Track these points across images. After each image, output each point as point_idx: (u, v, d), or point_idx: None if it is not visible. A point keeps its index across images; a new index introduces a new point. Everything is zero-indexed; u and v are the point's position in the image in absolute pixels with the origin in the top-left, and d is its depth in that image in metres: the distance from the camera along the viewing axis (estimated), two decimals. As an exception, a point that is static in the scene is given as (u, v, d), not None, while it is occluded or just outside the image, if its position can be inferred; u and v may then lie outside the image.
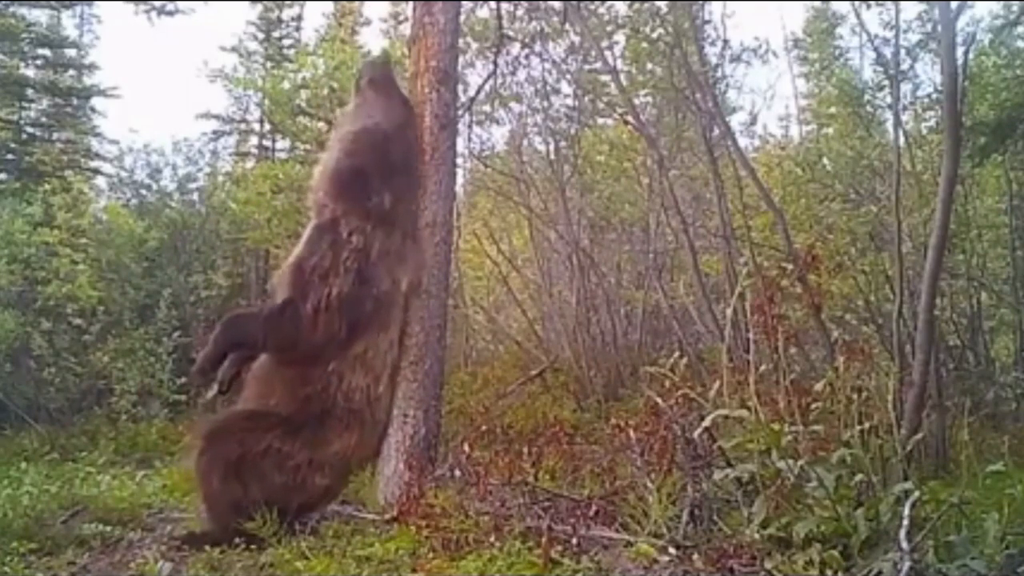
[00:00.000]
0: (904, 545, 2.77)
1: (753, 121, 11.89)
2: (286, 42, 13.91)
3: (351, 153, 4.39)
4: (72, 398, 8.63)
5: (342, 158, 4.41)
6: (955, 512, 3.10)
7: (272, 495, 3.98)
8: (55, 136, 13.76)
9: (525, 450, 4.04)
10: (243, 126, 13.97)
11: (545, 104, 10.41)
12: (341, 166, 4.38)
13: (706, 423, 3.54)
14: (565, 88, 10.82)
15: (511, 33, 9.11)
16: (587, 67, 10.78)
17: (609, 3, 9.76)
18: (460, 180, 11.03)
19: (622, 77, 9.75)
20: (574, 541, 3.37)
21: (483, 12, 9.46)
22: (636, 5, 9.35)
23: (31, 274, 8.98)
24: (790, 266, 5.42)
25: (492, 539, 3.44)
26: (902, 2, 7.92)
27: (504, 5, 8.40)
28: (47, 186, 10.23)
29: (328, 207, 4.33)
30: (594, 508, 3.62)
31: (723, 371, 3.61)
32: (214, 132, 13.63)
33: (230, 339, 4.30)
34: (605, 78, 10.68)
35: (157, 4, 9.24)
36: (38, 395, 8.45)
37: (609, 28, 9.93)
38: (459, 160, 8.08)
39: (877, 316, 8.03)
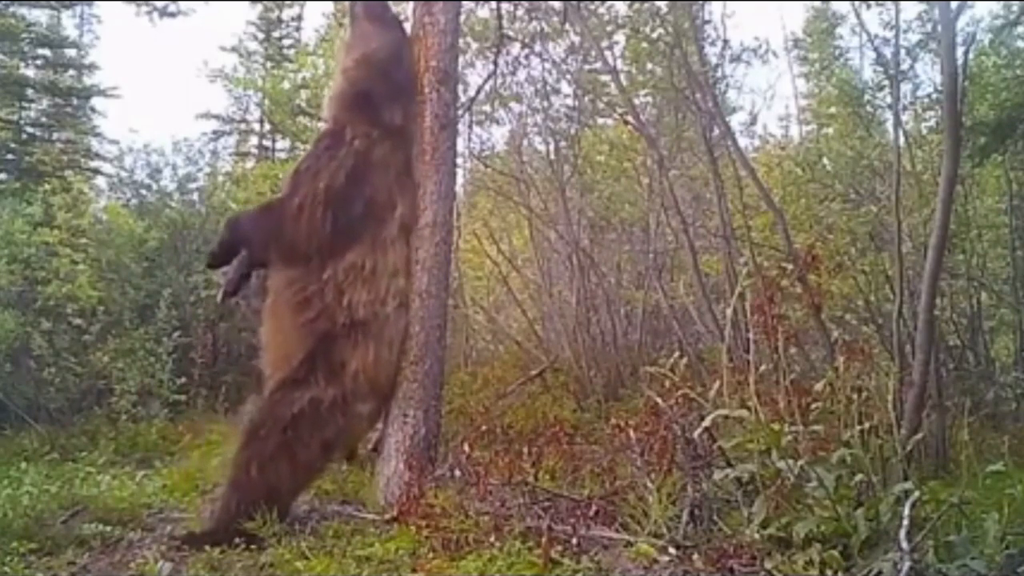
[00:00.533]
0: (904, 545, 2.77)
1: (753, 121, 11.92)
2: (286, 42, 13.94)
3: (354, 80, 4.53)
4: (72, 398, 8.61)
5: (346, 85, 4.56)
6: (955, 512, 3.10)
7: (321, 454, 4.12)
8: (55, 136, 13.76)
9: (525, 450, 4.04)
10: (243, 126, 13.99)
11: (545, 104, 10.41)
12: (346, 91, 4.53)
13: (706, 423, 3.54)
14: (565, 88, 10.84)
15: (511, 33, 9.11)
16: (587, 67, 10.78)
17: (609, 3, 9.77)
18: (460, 180, 11.06)
19: (622, 77, 9.75)
20: (574, 541, 3.37)
21: (483, 12, 9.46)
22: (636, 5, 9.35)
23: (31, 274, 8.97)
24: (790, 266, 5.43)
25: (492, 539, 3.44)
26: (902, 2, 7.94)
27: (504, 5, 8.40)
28: (47, 186, 10.21)
29: (333, 122, 4.51)
30: (594, 508, 3.63)
31: (723, 371, 3.61)
32: (214, 132, 13.66)
33: (231, 235, 4.50)
34: (605, 78, 10.68)
35: (159, 5, 9.24)
36: (38, 395, 8.43)
37: (609, 28, 9.92)
38: (459, 160, 8.09)
39: (877, 316, 8.02)
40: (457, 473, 4.13)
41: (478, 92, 9.05)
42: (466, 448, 4.19)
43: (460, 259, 10.30)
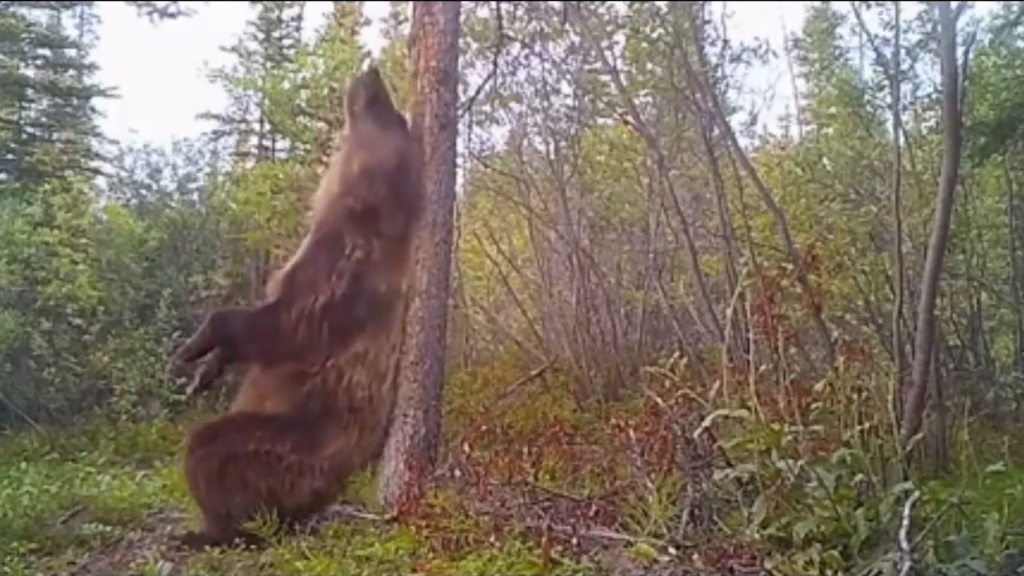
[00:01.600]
0: (904, 545, 2.77)
1: (753, 121, 11.92)
2: (286, 42, 13.92)
3: (360, 196, 4.32)
4: (72, 398, 8.62)
5: (350, 199, 4.34)
6: (955, 512, 3.10)
7: (258, 500, 3.93)
8: (55, 136, 13.76)
9: (525, 450, 4.03)
10: (243, 126, 13.96)
11: (545, 104, 10.42)
12: (351, 206, 4.32)
13: (706, 423, 3.53)
14: (565, 88, 10.84)
15: (511, 33, 9.11)
16: (587, 67, 10.79)
17: (609, 3, 9.78)
18: (460, 180, 11.05)
19: (622, 77, 9.75)
20: (574, 541, 3.37)
21: (483, 12, 9.47)
22: (636, 5, 9.36)
23: (31, 274, 8.98)
24: (790, 266, 5.42)
25: (492, 539, 3.43)
26: (902, 2, 7.93)
27: (504, 5, 8.40)
28: (47, 186, 10.22)
29: (327, 223, 4.36)
30: (594, 508, 3.62)
31: (723, 371, 3.60)
32: (214, 132, 13.64)
33: (215, 333, 4.30)
34: (605, 78, 10.68)
35: (159, 5, 9.24)
36: (38, 395, 8.45)
37: (609, 28, 9.93)
38: (459, 160, 8.08)
39: (877, 316, 8.03)
40: (457, 473, 4.12)
41: (478, 92, 9.05)
42: (466, 448, 4.17)
43: (460, 259, 10.29)
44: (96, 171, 13.75)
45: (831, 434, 3.47)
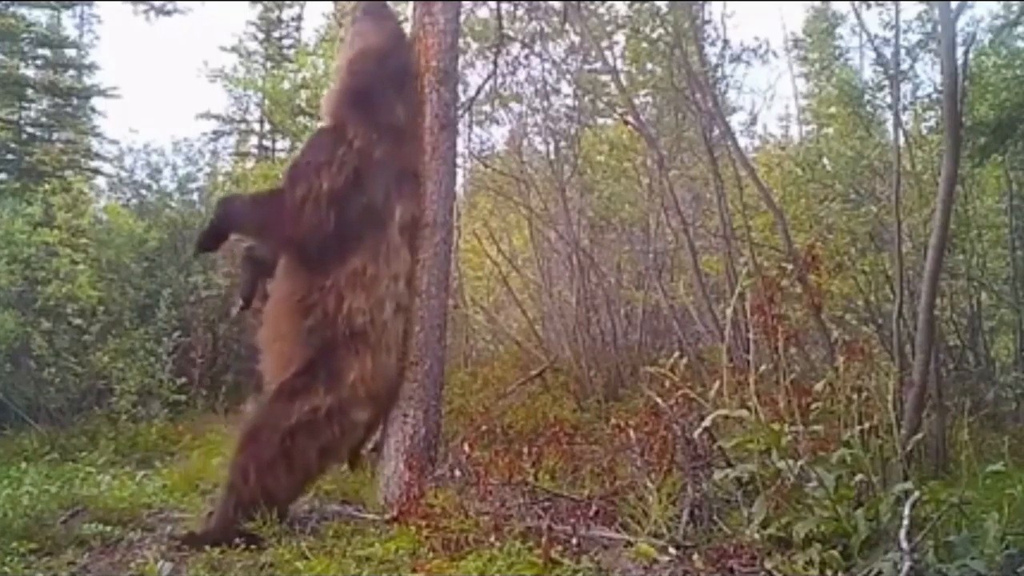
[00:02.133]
0: (904, 545, 2.77)
1: (753, 121, 11.94)
2: (286, 42, 13.94)
3: (353, 74, 4.48)
4: (72, 398, 8.61)
5: (346, 80, 4.51)
6: (955, 512, 3.10)
7: (318, 461, 4.12)
8: (55, 136, 13.76)
9: (525, 450, 4.03)
10: (243, 126, 14.00)
11: (545, 104, 10.42)
12: (346, 87, 4.47)
13: (706, 423, 3.54)
14: (565, 88, 10.86)
15: (511, 33, 9.11)
16: (587, 67, 10.79)
17: (609, 3, 9.78)
18: (460, 180, 11.06)
19: (622, 77, 9.75)
20: (574, 541, 3.37)
21: (483, 12, 9.47)
22: (636, 5, 9.36)
23: (31, 274, 8.96)
24: (790, 266, 5.43)
25: (492, 539, 3.43)
26: (902, 2, 7.93)
27: (504, 5, 8.41)
28: (47, 186, 10.22)
29: (332, 118, 4.44)
30: (594, 508, 3.62)
31: (723, 371, 3.60)
32: (214, 132, 13.68)
33: (225, 217, 4.37)
34: (605, 78, 10.70)
35: (156, 4, 9.26)
36: (38, 395, 8.43)
37: (609, 28, 9.94)
38: (459, 160, 8.09)
39: (877, 316, 8.03)
40: (457, 473, 4.12)
41: (478, 92, 9.06)
42: (466, 448, 4.17)
43: (460, 259, 10.30)
44: (96, 171, 13.77)
45: (831, 434, 3.47)
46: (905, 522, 2.87)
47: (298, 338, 4.20)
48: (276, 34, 13.91)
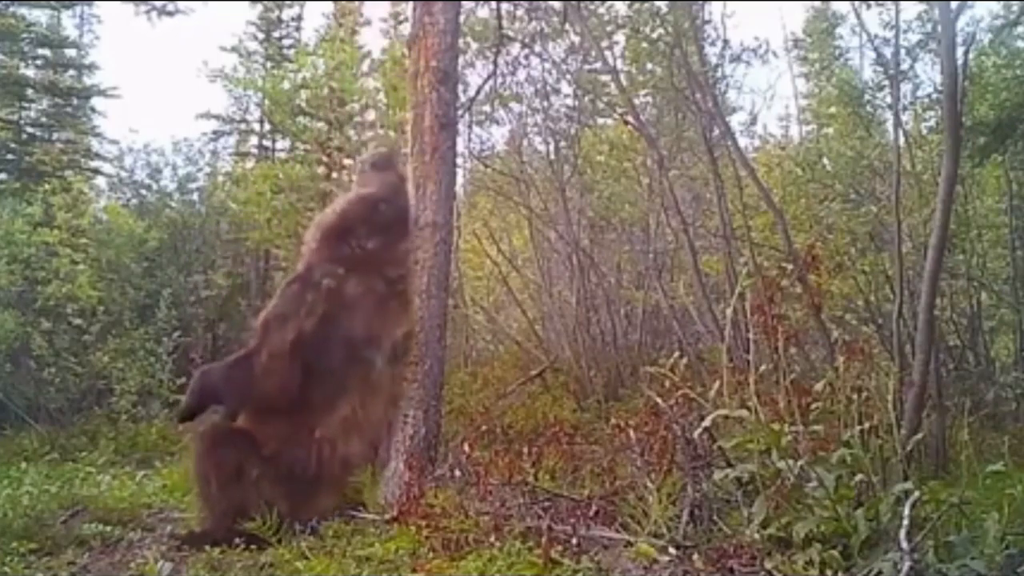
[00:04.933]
0: (904, 545, 2.77)
1: (753, 121, 11.88)
2: (286, 42, 13.92)
3: (341, 211, 4.43)
4: (72, 398, 8.62)
5: (331, 214, 4.47)
6: (955, 512, 3.10)
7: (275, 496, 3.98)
8: (55, 136, 13.76)
9: (525, 450, 4.03)
10: (243, 126, 13.98)
11: (545, 104, 10.42)
12: (328, 220, 4.42)
13: (706, 423, 3.53)
14: (565, 88, 10.84)
15: (511, 33, 9.11)
16: (587, 67, 10.78)
17: (609, 3, 9.78)
18: (460, 180, 11.06)
19: (622, 77, 9.74)
20: (574, 541, 3.36)
21: (483, 12, 9.48)
22: (636, 5, 9.35)
23: (31, 274, 8.98)
24: (790, 266, 5.42)
25: (492, 539, 3.43)
26: (902, 2, 7.92)
27: (504, 5, 8.41)
28: (47, 186, 10.22)
29: (305, 259, 4.35)
30: (594, 508, 3.62)
31: (723, 371, 3.60)
32: (214, 132, 13.66)
33: (201, 391, 4.28)
34: (605, 78, 10.69)
35: (157, 4, 9.25)
36: (38, 395, 8.44)
37: (609, 28, 9.93)
38: (459, 160, 8.10)
39: (877, 316, 8.03)
40: (457, 473, 4.12)
41: (478, 92, 9.06)
42: (466, 448, 4.17)
43: (460, 259, 10.29)
44: (96, 171, 13.77)
45: (831, 434, 3.47)
46: (905, 522, 2.87)
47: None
48: (276, 34, 13.89)
